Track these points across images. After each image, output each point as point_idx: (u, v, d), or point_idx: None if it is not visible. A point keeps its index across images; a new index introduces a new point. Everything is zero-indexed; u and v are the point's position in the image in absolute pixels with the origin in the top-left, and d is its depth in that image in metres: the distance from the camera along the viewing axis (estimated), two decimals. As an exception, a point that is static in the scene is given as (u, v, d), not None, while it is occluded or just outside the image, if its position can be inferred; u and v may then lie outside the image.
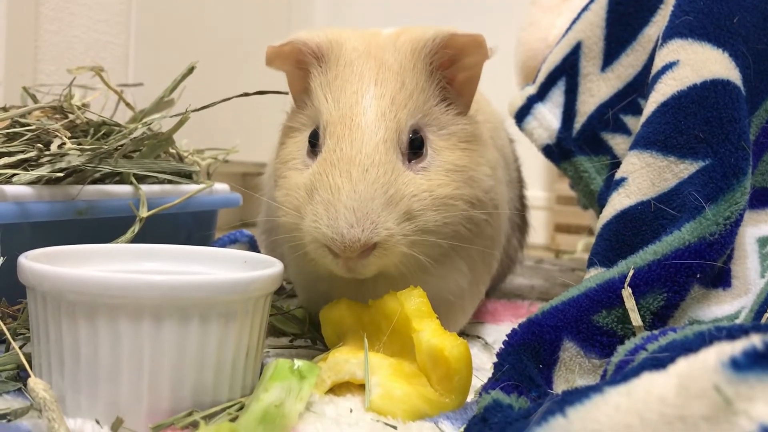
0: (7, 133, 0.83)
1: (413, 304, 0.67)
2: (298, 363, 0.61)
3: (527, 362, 0.63)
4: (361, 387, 0.67)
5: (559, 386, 0.64)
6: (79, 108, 0.94)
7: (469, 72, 0.78)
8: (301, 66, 0.80)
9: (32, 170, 0.79)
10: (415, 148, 0.73)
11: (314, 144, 0.75)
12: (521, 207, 1.18)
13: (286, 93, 0.87)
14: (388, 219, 0.67)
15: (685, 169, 0.70)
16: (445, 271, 0.78)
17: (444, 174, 0.73)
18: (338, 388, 0.68)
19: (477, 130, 0.79)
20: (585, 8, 0.92)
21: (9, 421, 0.55)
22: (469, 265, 0.82)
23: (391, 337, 0.68)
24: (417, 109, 0.73)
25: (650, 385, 0.37)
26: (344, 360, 0.67)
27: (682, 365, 0.37)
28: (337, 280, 0.75)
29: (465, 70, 0.78)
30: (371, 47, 0.76)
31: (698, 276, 0.65)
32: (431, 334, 0.65)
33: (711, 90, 0.71)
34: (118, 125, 0.94)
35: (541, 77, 0.95)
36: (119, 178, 0.90)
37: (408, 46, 0.75)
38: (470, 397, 0.66)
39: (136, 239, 0.79)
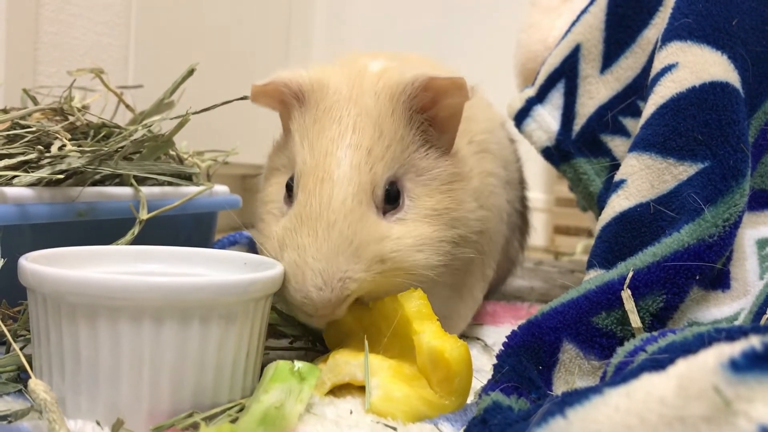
0: (8, 135, 0.83)
1: (414, 305, 0.67)
2: (299, 365, 0.61)
3: (527, 364, 0.63)
4: (361, 389, 0.67)
5: (559, 388, 0.64)
6: (79, 110, 0.94)
7: (449, 111, 0.76)
8: (284, 105, 0.80)
9: (32, 172, 0.79)
10: (391, 199, 0.72)
11: (290, 190, 0.74)
12: (522, 208, 1.18)
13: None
14: (356, 270, 0.66)
15: (684, 171, 0.70)
16: (434, 297, 0.76)
17: (420, 219, 0.72)
18: (338, 390, 0.68)
19: (460, 168, 0.78)
20: (584, 10, 0.92)
21: (9, 422, 0.55)
22: (459, 289, 0.81)
23: (392, 339, 0.68)
24: (394, 160, 0.72)
25: (650, 386, 0.37)
26: (344, 361, 0.67)
27: (682, 366, 0.37)
28: None
29: (445, 110, 0.76)
30: (353, 91, 0.74)
31: (697, 278, 0.65)
32: (432, 335, 0.65)
33: (710, 92, 0.71)
34: (119, 127, 0.94)
35: (541, 79, 0.95)
36: (119, 180, 0.90)
37: (386, 92, 0.73)
38: (470, 399, 0.66)
39: (136, 241, 0.79)
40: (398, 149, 0.72)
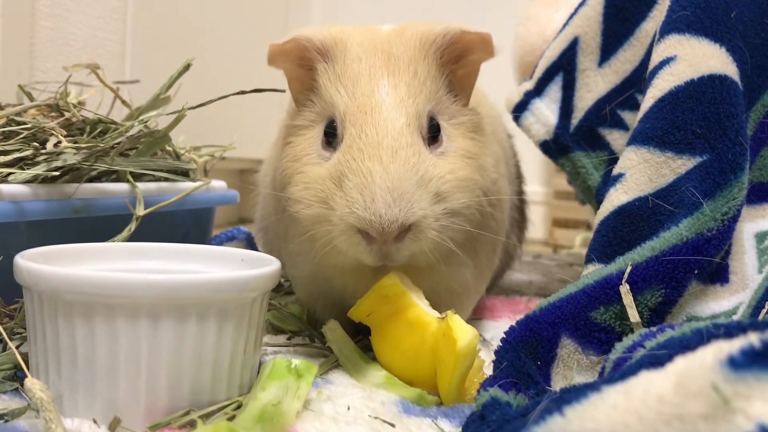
0: (3, 131, 0.83)
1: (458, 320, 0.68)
2: (296, 362, 0.61)
3: (525, 359, 0.63)
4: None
5: (558, 383, 0.64)
6: (75, 106, 0.94)
7: (472, 67, 0.79)
8: (303, 63, 0.79)
9: (28, 169, 0.79)
10: (432, 133, 0.74)
11: (331, 136, 0.74)
12: (520, 203, 1.18)
13: (283, 91, 0.86)
14: (421, 199, 0.67)
15: (683, 164, 0.70)
16: (451, 266, 0.78)
17: (460, 159, 0.74)
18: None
19: (482, 121, 0.81)
20: (582, 3, 0.92)
21: (6, 421, 0.55)
22: (474, 260, 0.82)
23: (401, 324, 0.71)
24: (431, 96, 0.74)
25: (648, 383, 0.37)
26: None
27: (680, 364, 0.37)
28: (349, 278, 0.75)
29: (469, 65, 0.79)
30: (375, 42, 0.76)
31: (696, 272, 0.65)
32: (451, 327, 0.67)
33: (708, 85, 0.71)
34: (115, 123, 0.94)
35: (539, 73, 0.95)
36: (116, 176, 0.90)
37: (417, 39, 0.75)
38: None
39: (133, 237, 0.79)
40: (433, 87, 0.75)
